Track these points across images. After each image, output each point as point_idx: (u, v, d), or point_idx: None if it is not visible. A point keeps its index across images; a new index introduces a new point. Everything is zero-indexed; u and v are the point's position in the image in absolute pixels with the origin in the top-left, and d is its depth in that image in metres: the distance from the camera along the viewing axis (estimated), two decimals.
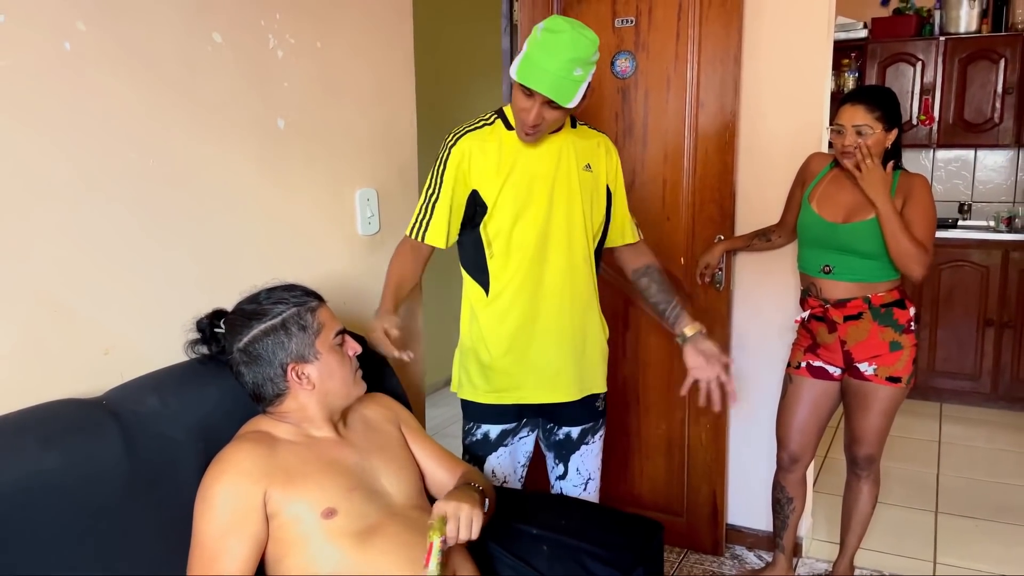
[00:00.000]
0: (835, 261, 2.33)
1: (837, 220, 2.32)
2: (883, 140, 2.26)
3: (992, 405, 4.62)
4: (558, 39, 1.71)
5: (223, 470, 1.43)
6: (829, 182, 2.40)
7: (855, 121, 2.24)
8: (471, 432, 2.08)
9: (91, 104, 1.49)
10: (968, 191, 5.04)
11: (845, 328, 2.35)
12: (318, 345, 1.54)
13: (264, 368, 1.52)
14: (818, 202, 2.38)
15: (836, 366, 2.44)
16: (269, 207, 1.90)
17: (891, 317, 2.33)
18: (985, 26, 4.65)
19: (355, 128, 2.16)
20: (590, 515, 1.85)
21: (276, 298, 1.55)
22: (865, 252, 2.29)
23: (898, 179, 2.31)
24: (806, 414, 2.51)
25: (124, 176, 1.56)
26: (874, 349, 2.35)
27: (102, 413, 1.39)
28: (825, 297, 2.37)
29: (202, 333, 1.60)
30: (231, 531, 1.39)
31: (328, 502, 1.45)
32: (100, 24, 1.49)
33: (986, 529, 3.21)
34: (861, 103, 2.25)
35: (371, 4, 2.19)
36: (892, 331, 2.33)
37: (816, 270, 2.37)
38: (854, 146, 2.24)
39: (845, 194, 2.34)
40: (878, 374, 2.36)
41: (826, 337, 2.41)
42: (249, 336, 1.52)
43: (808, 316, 2.43)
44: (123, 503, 1.37)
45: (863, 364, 2.37)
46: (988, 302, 4.54)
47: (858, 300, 2.32)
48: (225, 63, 1.76)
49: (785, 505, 2.66)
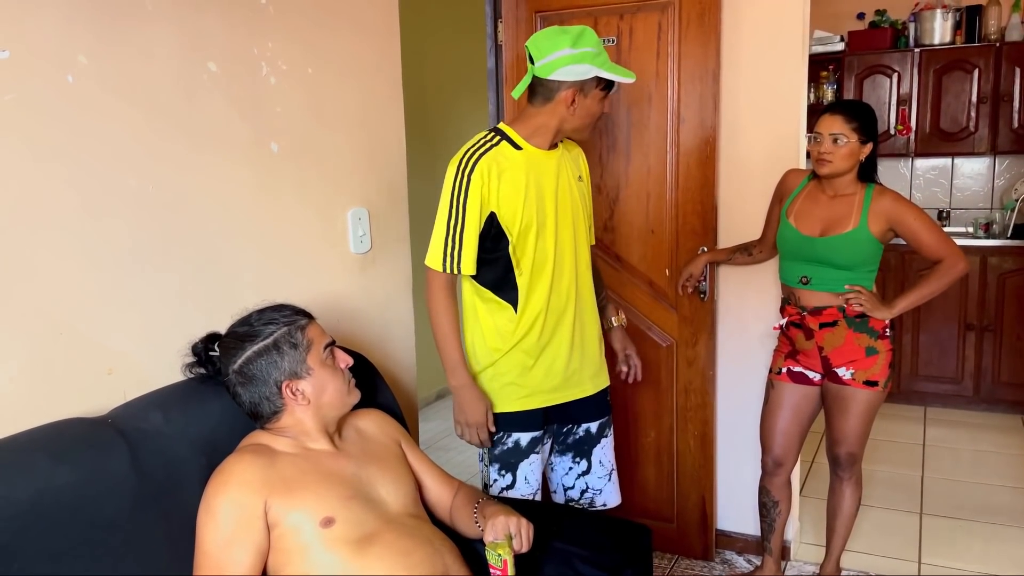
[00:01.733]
0: (812, 272, 2.43)
1: (814, 234, 2.41)
2: (857, 151, 2.35)
3: (974, 408, 4.70)
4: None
5: (225, 481, 1.48)
6: (805, 197, 2.49)
7: (832, 129, 2.34)
8: (501, 442, 2.12)
9: (93, 133, 1.55)
10: (947, 198, 5.14)
11: (822, 335, 2.44)
12: (309, 361, 1.60)
13: (260, 387, 1.57)
14: (795, 217, 2.46)
15: (816, 371, 2.51)
16: (264, 229, 1.97)
17: (866, 325, 2.40)
18: (959, 37, 4.76)
19: (346, 150, 2.23)
20: (579, 520, 1.91)
21: (267, 319, 1.61)
22: (840, 264, 2.39)
23: (872, 194, 2.38)
24: (788, 419, 2.59)
25: (125, 202, 1.62)
26: (851, 354, 2.43)
27: (109, 431, 1.45)
28: (802, 305, 2.46)
29: (198, 357, 1.66)
30: (234, 540, 1.44)
31: (327, 511, 1.50)
32: (101, 57, 1.56)
33: (969, 529, 3.28)
34: (840, 113, 2.35)
35: (360, 31, 2.26)
36: (868, 337, 2.41)
37: (795, 281, 2.47)
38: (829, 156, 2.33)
39: (821, 209, 2.43)
40: (855, 378, 2.43)
41: (804, 343, 2.49)
42: (243, 358, 1.57)
43: (786, 323, 2.52)
44: (132, 516, 1.42)
45: (841, 369, 2.44)
46: (968, 307, 4.63)
47: (833, 309, 2.41)
48: (220, 91, 1.82)
49: (771, 509, 2.73)
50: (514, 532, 1.56)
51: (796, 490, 3.11)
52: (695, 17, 2.71)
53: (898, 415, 4.67)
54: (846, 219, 2.37)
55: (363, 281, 2.31)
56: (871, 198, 2.38)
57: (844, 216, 2.38)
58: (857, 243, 2.37)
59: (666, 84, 2.79)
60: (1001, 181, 5.00)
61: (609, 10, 2.83)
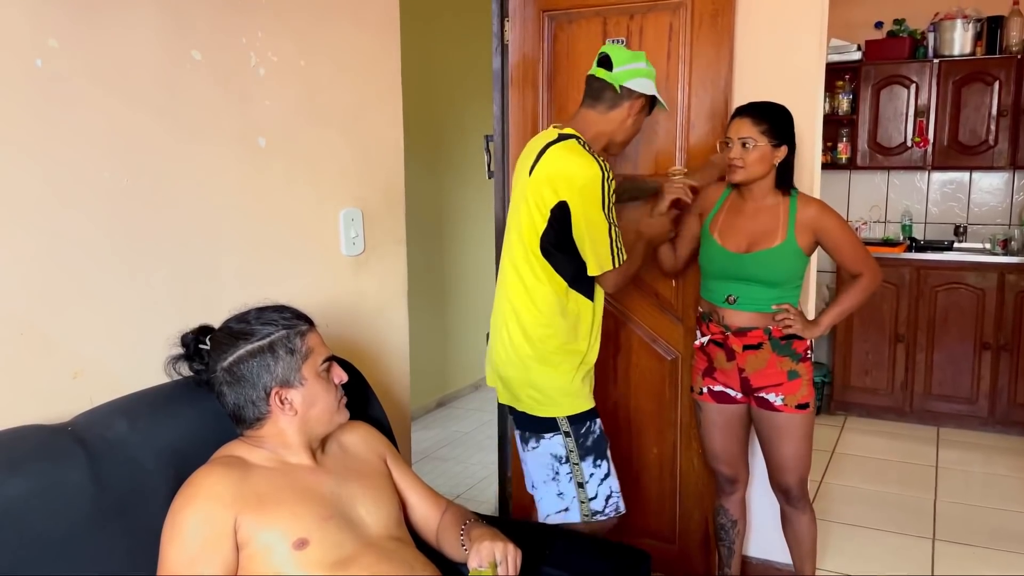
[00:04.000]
0: (739, 291, 2.30)
1: (740, 250, 2.28)
2: (769, 156, 2.22)
3: (989, 429, 4.57)
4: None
5: (193, 494, 1.39)
6: (727, 211, 2.35)
7: (740, 133, 2.21)
8: (590, 430, 2.14)
9: (63, 122, 1.46)
10: (964, 213, 5.02)
11: (744, 357, 2.32)
12: (304, 371, 1.50)
13: (247, 390, 1.48)
14: (720, 233, 2.33)
15: (735, 390, 2.39)
16: (249, 228, 1.87)
17: (789, 347, 2.30)
18: (979, 48, 4.65)
19: (339, 147, 2.13)
20: (574, 544, 1.81)
21: (266, 319, 1.51)
22: (769, 281, 2.27)
23: (796, 204, 2.27)
24: (726, 438, 2.48)
25: (97, 195, 1.53)
26: (773, 378, 2.31)
27: (67, 439, 1.35)
28: (726, 324, 2.33)
29: (186, 348, 1.56)
30: (200, 558, 1.34)
31: (301, 532, 1.40)
32: (73, 41, 1.47)
33: (984, 557, 3.15)
34: (748, 116, 2.22)
35: (356, 22, 2.17)
36: (790, 360, 2.30)
37: (720, 300, 2.34)
38: (739, 161, 2.22)
39: (745, 222, 2.31)
40: (787, 403, 2.32)
41: (724, 363, 2.37)
42: (235, 356, 1.48)
43: (707, 340, 2.40)
44: (90, 532, 1.33)
45: (771, 395, 2.32)
46: (984, 325, 4.51)
47: (759, 331, 2.29)
48: (204, 81, 1.73)
49: (730, 529, 2.61)
50: (500, 559, 1.46)
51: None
52: (708, 18, 2.61)
53: (910, 435, 4.55)
54: (772, 232, 2.25)
55: (355, 285, 2.22)
56: (796, 208, 2.26)
57: (770, 229, 2.26)
58: (785, 257, 2.25)
59: (676, 88, 2.69)
60: (1020, 196, 4.88)
61: (619, 10, 2.73)
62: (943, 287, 4.58)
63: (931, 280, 4.59)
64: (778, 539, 2.80)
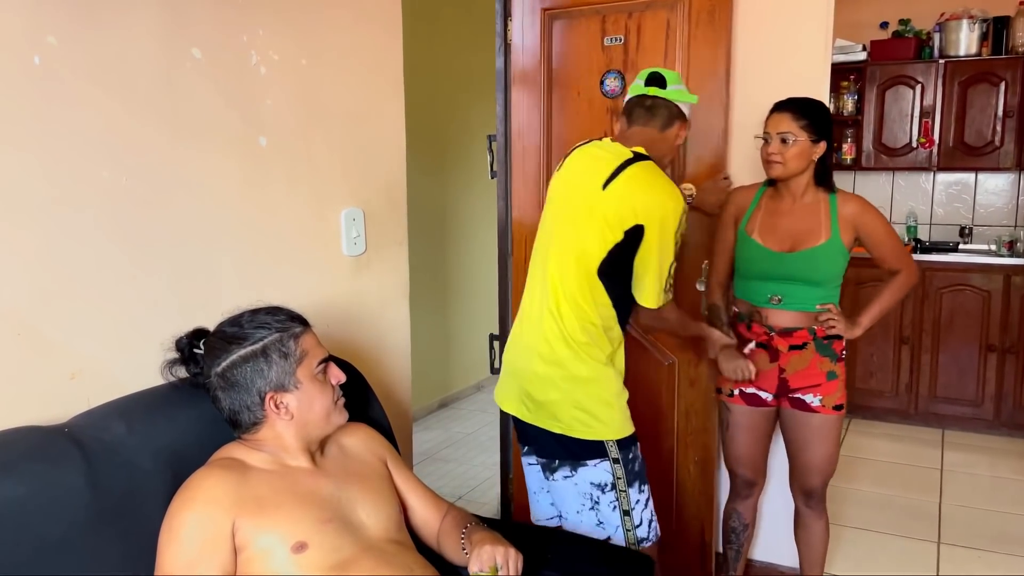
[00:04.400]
0: (783, 291, 2.27)
1: (783, 249, 2.25)
2: (808, 151, 2.19)
3: (995, 432, 4.54)
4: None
5: (191, 497, 1.37)
6: (764, 211, 2.31)
7: (779, 128, 2.18)
8: (636, 455, 2.06)
9: (62, 120, 1.45)
10: (969, 215, 4.99)
11: (787, 357, 2.30)
12: (299, 374, 1.48)
13: (241, 395, 1.46)
14: (760, 233, 2.29)
15: (769, 392, 2.36)
16: (249, 227, 1.86)
17: (830, 347, 2.29)
18: (985, 49, 4.62)
19: (341, 147, 2.12)
20: (575, 548, 1.79)
21: (259, 322, 1.49)
22: (814, 280, 2.24)
23: (836, 203, 2.24)
24: (750, 441, 2.45)
25: (96, 194, 1.51)
26: (813, 378, 2.29)
27: (64, 440, 1.33)
28: (770, 324, 2.30)
29: (181, 353, 1.54)
30: (198, 562, 1.33)
31: (300, 535, 1.39)
32: (72, 38, 1.45)
33: (989, 561, 3.13)
34: (787, 111, 2.19)
35: (359, 21, 2.15)
36: (829, 361, 2.29)
37: (763, 300, 2.30)
38: (778, 156, 2.19)
39: (785, 221, 2.27)
40: (824, 404, 2.29)
41: (764, 364, 2.32)
42: (228, 361, 1.46)
43: (755, 344, 2.35)
44: (86, 535, 1.31)
45: (807, 396, 2.30)
46: (990, 327, 4.48)
47: (803, 331, 2.27)
48: (205, 80, 1.71)
49: (740, 533, 2.59)
50: (501, 563, 1.44)
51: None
52: (705, 14, 2.58)
53: (915, 438, 4.52)
54: (816, 230, 2.22)
55: (356, 285, 2.20)
56: (837, 205, 2.23)
57: (813, 227, 2.22)
58: (831, 256, 2.22)
59: None
60: None
61: (618, 8, 2.71)
62: (948, 289, 4.55)
63: (936, 282, 4.56)
64: (783, 542, 2.78)
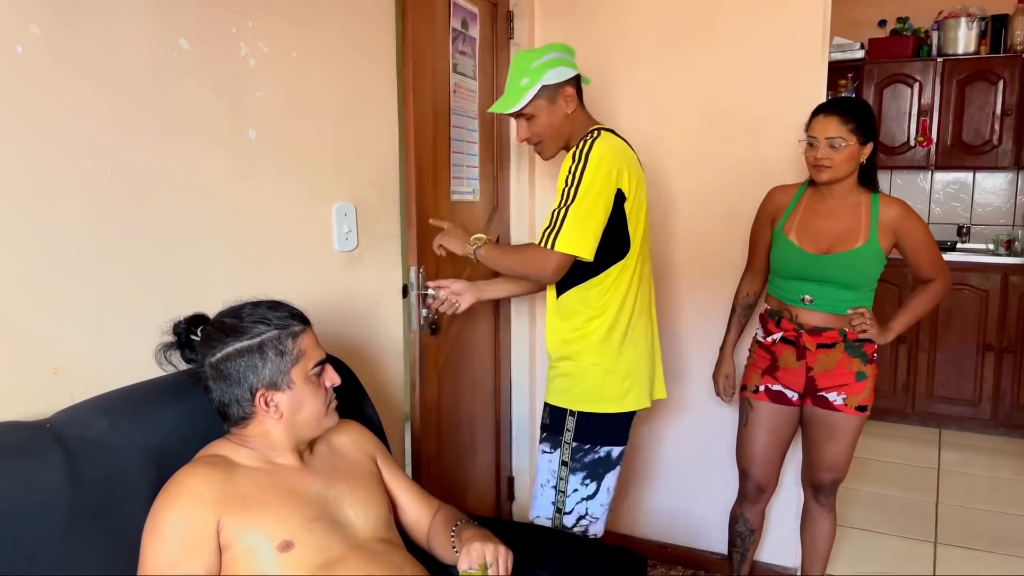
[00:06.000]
0: (815, 292, 2.25)
1: (819, 251, 2.23)
2: (857, 154, 2.18)
3: (992, 432, 4.53)
4: (512, 62, 2.10)
5: (175, 495, 1.34)
6: (804, 211, 2.30)
7: (828, 133, 2.15)
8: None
9: (44, 111, 1.41)
10: (967, 214, 4.98)
11: (815, 356, 2.28)
12: (293, 374, 1.46)
13: (232, 388, 1.44)
14: (796, 234, 2.28)
15: (795, 391, 2.34)
16: (238, 221, 1.82)
17: (860, 349, 2.28)
18: (983, 47, 4.61)
19: (333, 141, 2.09)
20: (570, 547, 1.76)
21: (259, 316, 1.47)
22: (847, 283, 2.22)
23: (878, 206, 2.22)
24: (769, 441, 2.41)
25: (79, 186, 1.48)
26: (841, 378, 2.27)
27: (44, 437, 1.30)
28: (800, 323, 2.29)
29: (177, 337, 1.52)
30: (182, 561, 1.30)
31: (286, 534, 1.36)
32: (56, 28, 1.42)
33: (986, 561, 3.11)
34: (835, 114, 2.16)
35: (351, 14, 2.12)
36: (859, 362, 2.28)
37: (795, 300, 2.29)
38: (827, 161, 2.16)
39: (823, 222, 2.25)
40: (848, 404, 2.28)
41: (791, 362, 2.31)
42: (222, 353, 1.44)
43: (779, 337, 2.33)
44: (66, 534, 1.27)
45: (832, 394, 2.28)
46: (987, 326, 4.47)
47: (834, 331, 2.25)
48: (192, 71, 1.68)
49: (747, 538, 2.56)
50: (491, 561, 1.42)
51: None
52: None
53: (912, 437, 4.51)
54: (854, 233, 2.20)
55: (348, 281, 2.17)
56: (878, 208, 2.21)
57: (852, 230, 2.21)
58: (867, 260, 2.21)
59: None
60: None
61: None
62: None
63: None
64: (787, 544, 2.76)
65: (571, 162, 1.97)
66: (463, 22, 2.61)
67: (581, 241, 1.90)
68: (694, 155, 2.82)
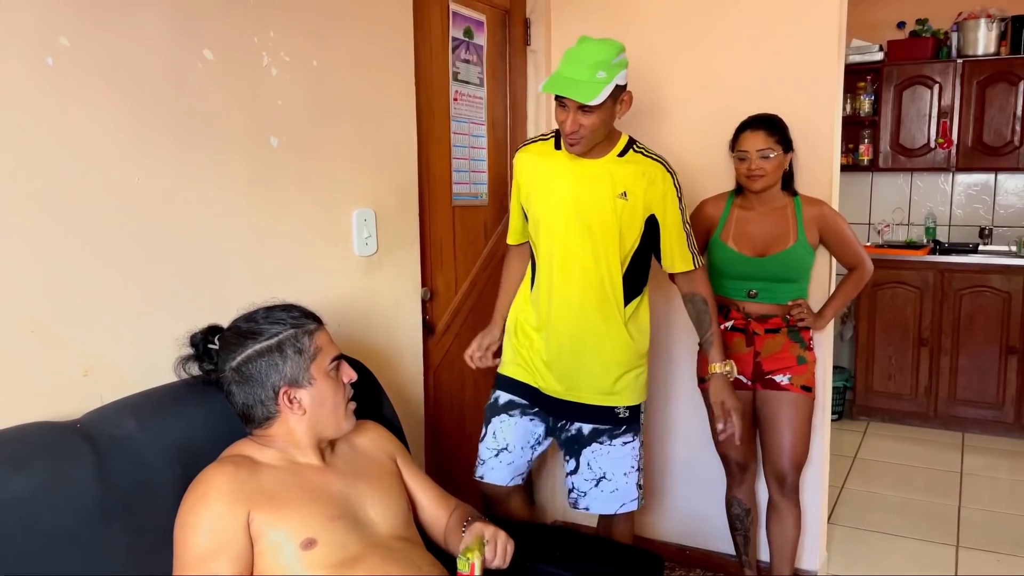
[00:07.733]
0: (759, 287, 2.48)
1: (757, 254, 2.45)
2: (783, 162, 2.39)
3: (1016, 435, 4.49)
4: (579, 49, 1.96)
5: (204, 493, 1.38)
6: (737, 219, 2.49)
7: (758, 146, 2.35)
8: (490, 398, 2.29)
9: (74, 120, 1.46)
10: (989, 216, 4.94)
11: (763, 340, 2.48)
12: (312, 370, 1.49)
13: (256, 389, 1.47)
14: (734, 240, 2.48)
15: (746, 376, 2.49)
16: (260, 227, 1.87)
17: (799, 335, 2.49)
18: (1004, 48, 4.58)
19: (352, 147, 2.13)
20: (586, 547, 1.78)
21: (274, 318, 1.51)
22: (787, 278, 2.46)
23: (801, 206, 2.45)
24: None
25: (108, 195, 1.53)
26: (785, 361, 2.47)
27: (75, 436, 1.35)
28: (747, 312, 2.50)
29: (195, 348, 1.56)
30: (215, 554, 1.34)
31: (308, 532, 1.39)
32: (85, 40, 1.47)
33: (1009, 565, 3.08)
34: (762, 128, 2.37)
35: (370, 22, 2.16)
36: (799, 347, 2.48)
37: (741, 295, 2.50)
38: (760, 171, 2.35)
39: (756, 227, 2.46)
40: (793, 383, 2.46)
41: (741, 348, 2.49)
42: (243, 355, 1.47)
43: (730, 326, 2.49)
44: (95, 530, 1.32)
45: (779, 376, 2.45)
46: (1010, 328, 4.42)
47: (778, 318, 2.48)
48: (216, 80, 1.73)
49: (744, 518, 2.65)
50: (488, 538, 1.44)
51: (824, 518, 2.96)
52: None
53: (934, 441, 4.47)
54: (785, 235, 2.43)
55: (368, 285, 2.21)
56: (801, 208, 2.44)
57: (783, 232, 2.43)
58: (799, 256, 2.44)
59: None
60: None
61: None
62: (968, 290, 4.50)
63: (955, 283, 4.52)
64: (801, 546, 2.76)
65: (672, 183, 2.11)
66: (466, 31, 2.65)
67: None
68: (709, 160, 2.83)
